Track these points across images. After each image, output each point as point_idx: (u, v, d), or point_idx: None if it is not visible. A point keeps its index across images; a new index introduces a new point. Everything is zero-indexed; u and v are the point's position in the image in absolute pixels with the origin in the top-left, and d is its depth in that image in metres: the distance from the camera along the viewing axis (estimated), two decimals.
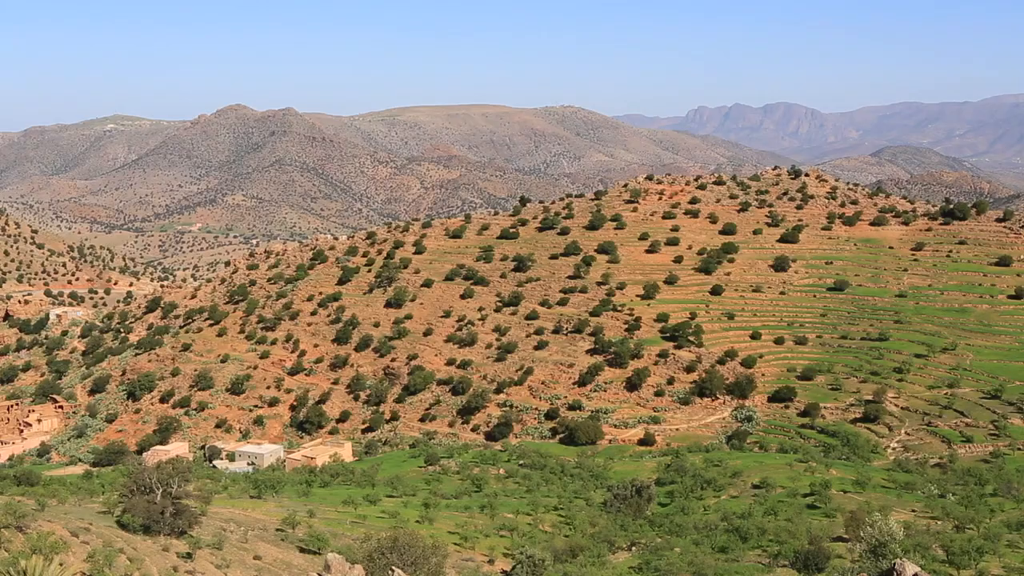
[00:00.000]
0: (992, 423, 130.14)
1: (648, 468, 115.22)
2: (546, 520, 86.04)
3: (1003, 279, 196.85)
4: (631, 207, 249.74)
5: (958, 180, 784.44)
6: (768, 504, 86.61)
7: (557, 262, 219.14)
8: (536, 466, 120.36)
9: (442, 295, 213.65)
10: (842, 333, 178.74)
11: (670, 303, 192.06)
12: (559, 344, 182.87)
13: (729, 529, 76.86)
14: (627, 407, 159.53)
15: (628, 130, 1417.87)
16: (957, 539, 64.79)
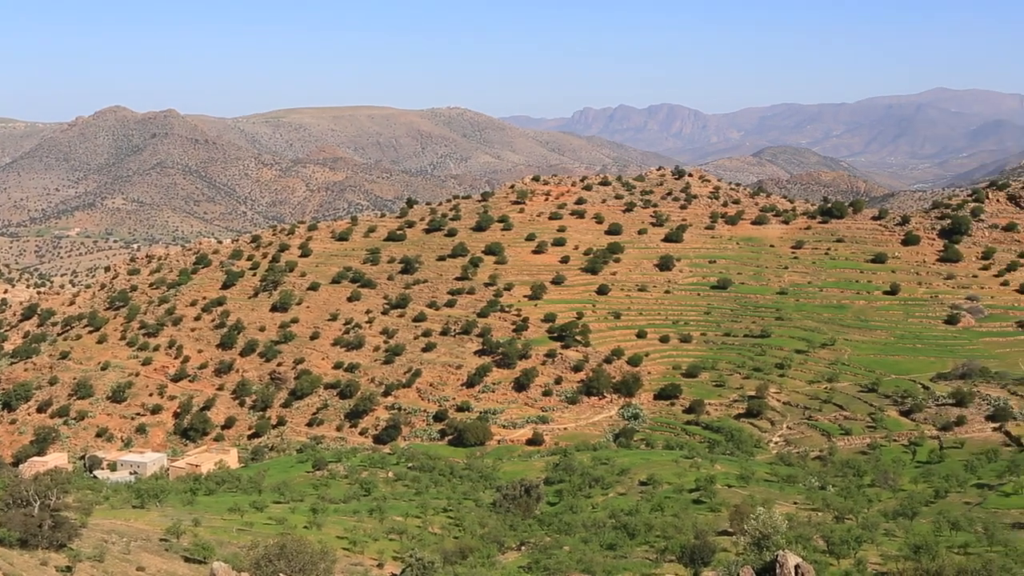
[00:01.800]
0: (869, 416, 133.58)
1: (537, 468, 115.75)
2: (435, 522, 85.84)
3: (879, 276, 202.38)
4: (518, 208, 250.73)
5: (836, 179, 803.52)
6: (655, 500, 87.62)
7: (444, 264, 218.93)
8: (425, 468, 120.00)
9: (329, 298, 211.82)
10: (725, 330, 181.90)
11: (557, 303, 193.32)
12: (447, 346, 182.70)
13: (617, 526, 77.55)
14: (515, 407, 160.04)
15: (514, 131, 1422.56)
16: (837, 529, 66.33)
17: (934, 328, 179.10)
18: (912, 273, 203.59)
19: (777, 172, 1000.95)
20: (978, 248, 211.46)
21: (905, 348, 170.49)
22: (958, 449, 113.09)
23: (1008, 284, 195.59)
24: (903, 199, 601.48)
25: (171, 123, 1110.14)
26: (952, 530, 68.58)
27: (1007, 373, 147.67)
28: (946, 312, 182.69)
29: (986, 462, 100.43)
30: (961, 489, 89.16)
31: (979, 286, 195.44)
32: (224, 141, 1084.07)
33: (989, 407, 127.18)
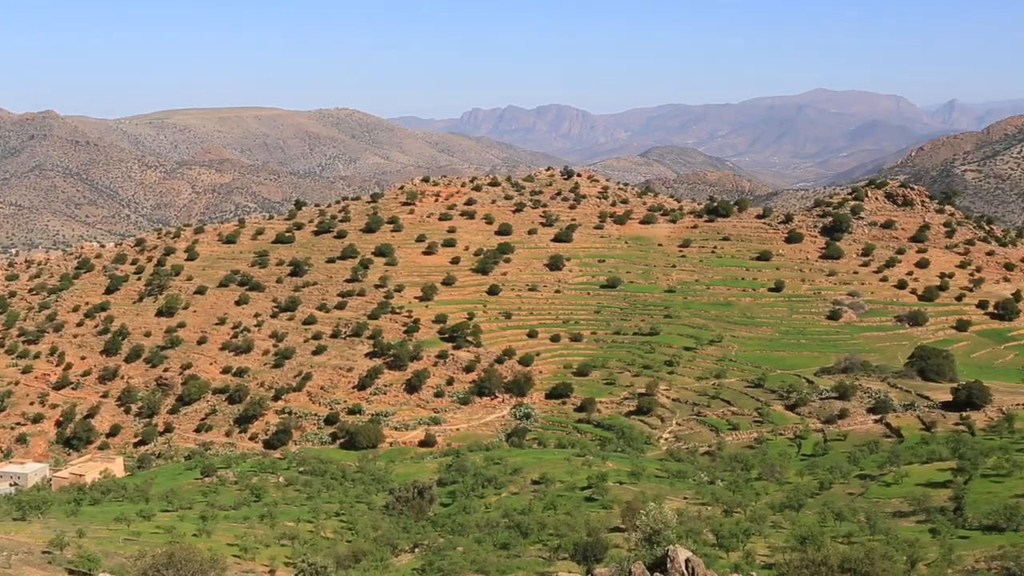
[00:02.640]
0: (756, 411, 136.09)
1: (430, 469, 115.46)
2: (328, 526, 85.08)
3: (764, 273, 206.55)
4: (408, 209, 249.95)
5: (721, 179, 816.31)
6: (548, 499, 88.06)
7: (334, 265, 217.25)
8: (317, 472, 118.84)
9: (216, 302, 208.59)
10: (615, 329, 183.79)
11: (448, 304, 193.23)
12: (338, 348, 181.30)
13: (510, 526, 77.75)
14: (407, 409, 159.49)
15: (403, 132, 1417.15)
16: (726, 523, 67.40)
17: (817, 324, 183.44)
18: (796, 270, 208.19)
19: (664, 172, 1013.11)
20: (858, 245, 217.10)
21: (790, 344, 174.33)
22: (841, 441, 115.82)
23: (887, 280, 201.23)
24: (786, 198, 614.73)
25: (50, 124, 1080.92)
26: (836, 520, 70.18)
27: (887, 367, 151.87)
28: (829, 308, 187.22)
29: (868, 453, 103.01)
30: (844, 480, 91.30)
31: (860, 282, 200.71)
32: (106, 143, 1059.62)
33: (870, 400, 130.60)
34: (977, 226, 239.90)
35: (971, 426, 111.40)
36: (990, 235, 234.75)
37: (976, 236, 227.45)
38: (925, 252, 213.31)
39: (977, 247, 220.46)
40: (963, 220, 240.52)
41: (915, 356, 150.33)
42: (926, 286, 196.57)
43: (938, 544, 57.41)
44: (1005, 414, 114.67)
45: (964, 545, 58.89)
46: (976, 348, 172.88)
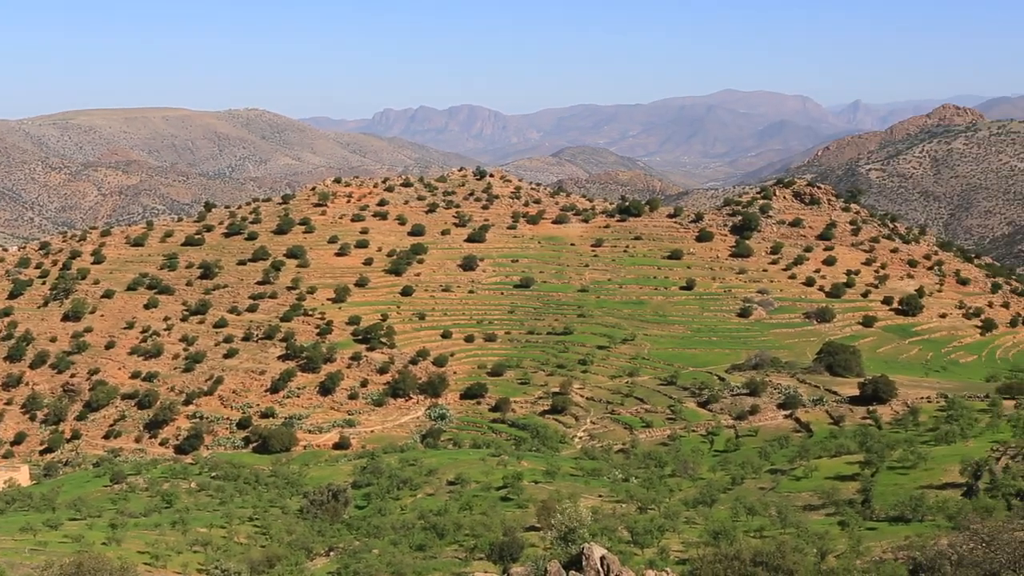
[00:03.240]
0: (669, 408, 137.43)
1: (344, 471, 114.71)
2: (241, 532, 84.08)
3: (675, 271, 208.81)
4: (320, 210, 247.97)
5: (632, 179, 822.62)
6: (463, 499, 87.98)
7: (245, 268, 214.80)
8: (229, 477, 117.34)
9: (124, 306, 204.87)
10: (529, 328, 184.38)
11: (361, 305, 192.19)
12: (250, 351, 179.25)
13: (426, 527, 77.55)
14: (321, 412, 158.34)
15: (315, 133, 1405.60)
16: (640, 520, 68.02)
17: (728, 321, 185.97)
18: (706, 268, 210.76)
19: (576, 172, 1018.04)
20: (767, 243, 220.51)
21: (701, 341, 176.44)
22: (752, 437, 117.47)
23: (795, 277, 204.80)
24: (697, 197, 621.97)
25: None
26: (748, 515, 71.14)
27: (796, 363, 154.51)
28: (739, 305, 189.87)
29: (778, 448, 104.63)
30: (756, 475, 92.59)
31: (769, 280, 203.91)
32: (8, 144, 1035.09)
33: (780, 395, 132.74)
34: (882, 224, 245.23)
35: (877, 420, 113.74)
36: (894, 233, 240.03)
37: (881, 234, 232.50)
38: (832, 250, 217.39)
39: (882, 244, 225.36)
40: (868, 218, 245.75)
41: (823, 352, 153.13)
42: (833, 283, 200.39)
43: (847, 536, 58.48)
44: (910, 407, 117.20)
45: (872, 536, 60.06)
46: (882, 343, 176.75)
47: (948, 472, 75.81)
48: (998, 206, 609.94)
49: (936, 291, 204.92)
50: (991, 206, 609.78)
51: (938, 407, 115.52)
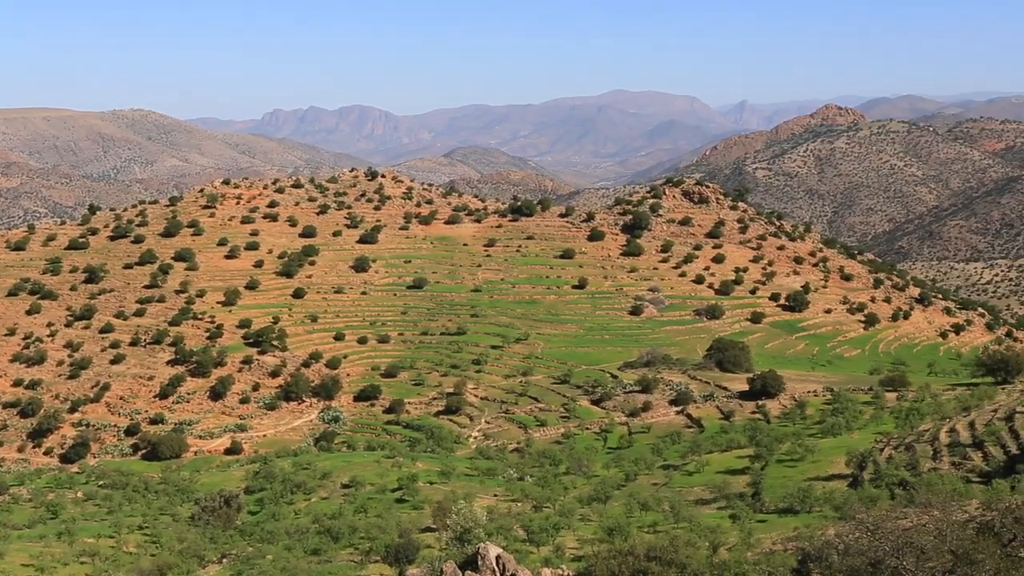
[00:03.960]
0: (563, 406, 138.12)
1: (236, 477, 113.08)
2: (130, 541, 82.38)
3: (567, 271, 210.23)
4: (208, 212, 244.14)
5: (524, 178, 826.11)
6: (358, 502, 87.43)
7: (132, 271, 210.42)
8: (117, 485, 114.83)
9: (5, 312, 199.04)
10: (423, 329, 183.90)
11: (252, 308, 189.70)
12: (138, 357, 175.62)
13: (321, 531, 76.89)
14: (212, 417, 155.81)
15: (202, 134, 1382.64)
16: (536, 518, 68.25)
17: (620, 319, 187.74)
18: (598, 267, 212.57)
19: (468, 172, 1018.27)
20: (658, 242, 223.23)
21: (594, 339, 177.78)
22: (645, 433, 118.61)
23: (685, 275, 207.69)
24: (588, 196, 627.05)
25: None
26: (642, 510, 71.85)
27: (687, 359, 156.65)
28: (631, 304, 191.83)
29: (671, 444, 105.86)
30: (649, 471, 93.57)
31: (659, 278, 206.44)
32: None
33: (672, 392, 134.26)
34: (768, 222, 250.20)
35: (766, 414, 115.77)
36: (780, 230, 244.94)
37: (768, 231, 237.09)
38: (721, 248, 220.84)
39: (769, 242, 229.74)
40: (755, 216, 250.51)
41: (713, 348, 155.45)
42: (722, 280, 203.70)
43: (738, 529, 59.41)
44: (797, 401, 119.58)
45: (762, 528, 61.12)
46: (770, 339, 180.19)
47: (834, 464, 77.55)
48: (879, 204, 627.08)
49: (821, 287, 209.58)
50: (873, 204, 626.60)
51: (824, 400, 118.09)
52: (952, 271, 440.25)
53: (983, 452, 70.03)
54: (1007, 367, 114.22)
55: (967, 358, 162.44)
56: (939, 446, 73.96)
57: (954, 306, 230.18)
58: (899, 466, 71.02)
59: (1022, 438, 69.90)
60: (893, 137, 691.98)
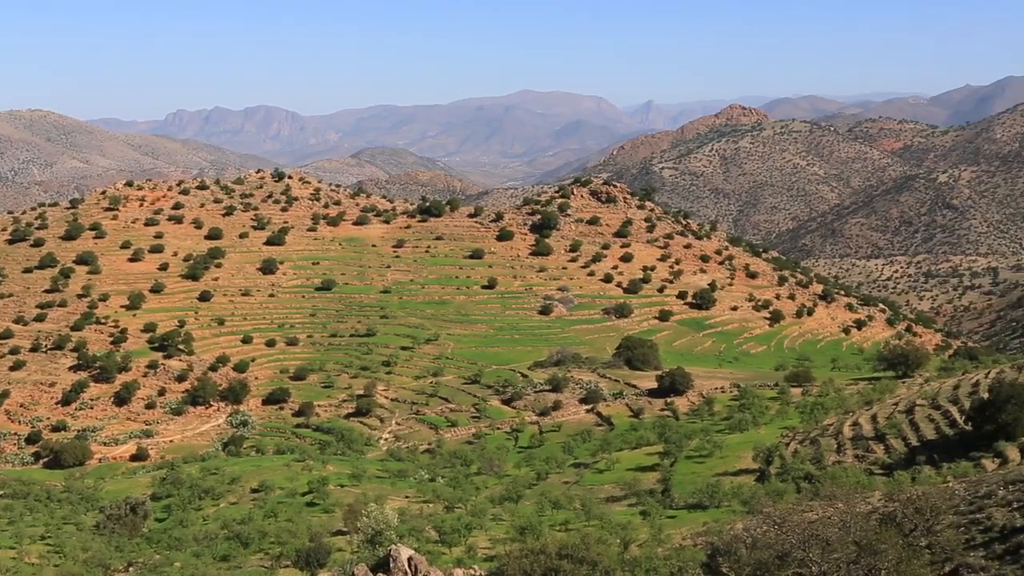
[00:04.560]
0: (473, 406, 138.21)
1: (143, 484, 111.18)
2: (33, 551, 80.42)
3: (477, 271, 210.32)
4: (111, 215, 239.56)
5: (432, 179, 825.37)
6: (268, 506, 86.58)
7: (32, 276, 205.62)
8: (18, 495, 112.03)
9: None
10: (332, 331, 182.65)
11: (157, 312, 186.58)
12: (38, 363, 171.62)
13: (230, 536, 75.96)
14: (117, 423, 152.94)
15: (104, 135, 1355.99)
16: (448, 519, 68.22)
17: (530, 319, 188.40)
18: (508, 267, 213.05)
19: (376, 173, 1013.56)
20: (566, 241, 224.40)
21: (504, 339, 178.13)
22: (556, 432, 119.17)
23: (594, 274, 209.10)
24: (497, 196, 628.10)
25: None
26: (554, 509, 72.22)
27: (596, 358, 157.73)
28: (540, 303, 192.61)
29: (581, 442, 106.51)
30: (560, 470, 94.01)
31: (568, 277, 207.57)
32: None
33: (582, 391, 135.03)
34: (675, 221, 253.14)
35: (675, 411, 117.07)
36: (687, 229, 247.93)
37: (674, 230, 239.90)
38: (628, 247, 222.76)
39: (676, 241, 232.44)
40: (662, 215, 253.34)
41: (622, 346, 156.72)
42: (630, 279, 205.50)
43: (648, 525, 60.04)
44: (705, 398, 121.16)
45: (672, 524, 61.83)
46: (677, 336, 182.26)
47: (742, 459, 78.71)
48: (783, 202, 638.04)
49: (727, 285, 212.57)
50: (776, 202, 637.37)
51: (731, 397, 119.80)
52: (854, 268, 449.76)
53: (885, 445, 71.63)
54: (907, 361, 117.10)
55: (869, 353, 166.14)
56: (843, 439, 75.50)
57: (856, 302, 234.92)
58: (804, 460, 72.35)
59: (922, 431, 71.65)
60: (796, 137, 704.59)
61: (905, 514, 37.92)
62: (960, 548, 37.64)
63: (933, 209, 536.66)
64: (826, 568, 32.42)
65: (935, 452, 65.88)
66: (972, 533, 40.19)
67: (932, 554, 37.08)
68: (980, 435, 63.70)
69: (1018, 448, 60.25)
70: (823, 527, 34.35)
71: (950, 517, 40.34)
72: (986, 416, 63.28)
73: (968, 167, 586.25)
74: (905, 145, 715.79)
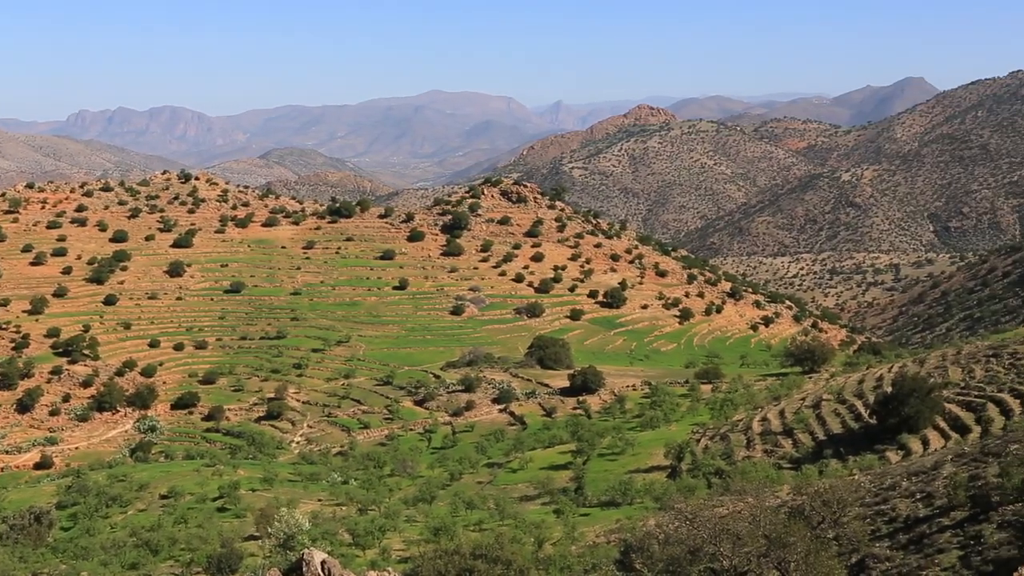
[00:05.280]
0: (386, 408, 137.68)
1: (47, 492, 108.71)
2: None
3: (388, 272, 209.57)
4: (11, 218, 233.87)
5: (342, 179, 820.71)
6: (178, 513, 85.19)
7: None
8: None
9: None
10: (241, 334, 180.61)
11: (61, 317, 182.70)
12: None
13: (139, 544, 74.60)
14: (19, 431, 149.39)
15: (3, 136, 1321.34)
16: (361, 521, 67.77)
17: (442, 319, 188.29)
18: (419, 268, 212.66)
19: (285, 174, 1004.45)
20: (477, 241, 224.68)
21: (416, 340, 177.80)
22: (469, 432, 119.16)
23: (505, 274, 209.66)
24: (407, 197, 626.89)
25: None
26: (468, 509, 72.24)
27: (508, 358, 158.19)
28: (452, 304, 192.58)
29: (494, 442, 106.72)
30: (474, 470, 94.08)
31: (480, 277, 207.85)
32: None
33: (495, 390, 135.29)
34: (585, 220, 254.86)
35: (587, 409, 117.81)
36: (597, 228, 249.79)
37: (585, 230, 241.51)
38: (539, 247, 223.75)
39: (586, 240, 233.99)
40: (573, 215, 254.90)
41: (534, 346, 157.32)
42: (541, 279, 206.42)
43: (562, 523, 60.37)
44: (617, 396, 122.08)
45: (585, 522, 62.23)
46: (589, 335, 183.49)
47: (654, 456, 79.50)
48: (691, 201, 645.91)
49: (637, 283, 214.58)
50: (685, 201, 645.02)
51: (643, 394, 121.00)
52: (761, 265, 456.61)
53: (793, 439, 72.92)
54: (813, 357, 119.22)
55: (776, 349, 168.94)
56: (752, 435, 76.66)
57: (763, 299, 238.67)
58: (715, 456, 73.34)
59: (828, 425, 73.04)
60: (703, 136, 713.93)
61: (813, 507, 38.67)
62: (866, 539, 38.50)
63: (837, 207, 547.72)
64: (737, 562, 32.91)
65: (841, 446, 67.25)
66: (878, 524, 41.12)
67: (839, 546, 37.87)
68: (884, 428, 65.15)
69: (920, 440, 61.76)
70: (733, 521, 34.89)
71: (856, 509, 41.25)
72: (890, 409, 64.72)
73: (870, 166, 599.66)
74: (809, 144, 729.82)
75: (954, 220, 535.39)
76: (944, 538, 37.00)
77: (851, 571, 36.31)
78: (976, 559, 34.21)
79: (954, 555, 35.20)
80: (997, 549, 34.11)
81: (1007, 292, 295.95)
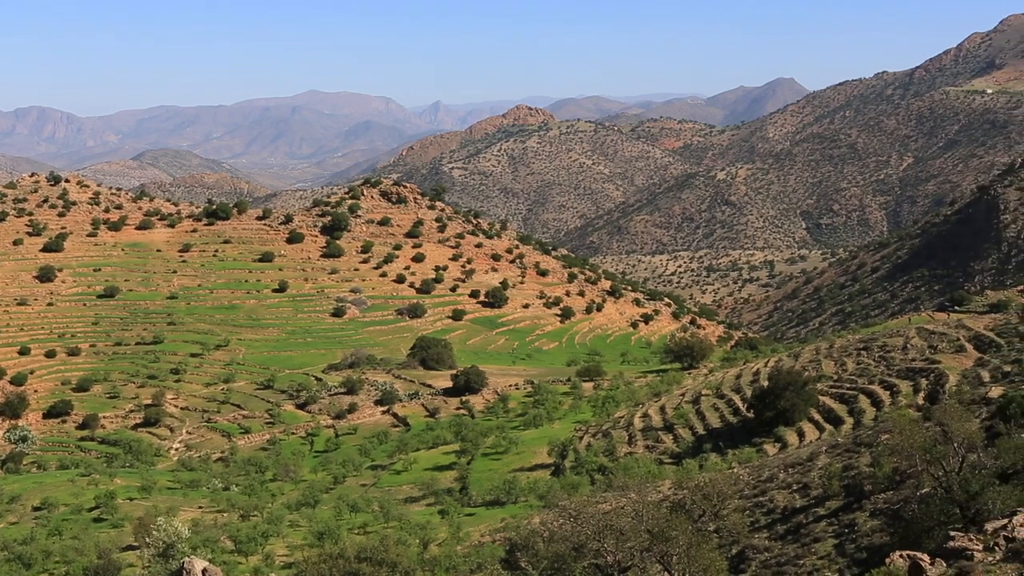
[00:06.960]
0: (267, 412, 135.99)
1: None
2: None
3: (267, 274, 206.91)
4: None
5: (219, 181, 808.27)
6: (52, 525, 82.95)
7: None
8: None
9: None
10: (116, 340, 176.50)
11: None
12: None
13: (10, 558, 72.40)
14: None
15: None
16: (243, 528, 66.95)
17: (323, 322, 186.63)
18: (299, 270, 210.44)
19: (160, 175, 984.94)
20: (358, 243, 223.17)
21: (297, 343, 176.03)
22: (352, 435, 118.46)
23: (386, 275, 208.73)
24: (286, 198, 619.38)
25: None
26: (352, 512, 71.85)
27: (391, 359, 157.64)
28: (333, 306, 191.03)
29: (378, 444, 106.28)
30: (357, 472, 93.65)
31: (361, 279, 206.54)
32: None
33: (377, 392, 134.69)
34: (466, 220, 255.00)
35: (471, 409, 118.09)
36: (478, 228, 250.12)
37: (465, 230, 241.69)
38: (420, 247, 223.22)
39: (467, 240, 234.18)
40: (453, 215, 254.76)
41: (416, 347, 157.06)
42: (423, 279, 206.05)
43: (447, 524, 60.42)
44: (500, 395, 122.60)
45: (471, 522, 62.42)
46: (471, 335, 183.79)
47: (537, 454, 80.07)
48: (571, 200, 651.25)
49: (519, 283, 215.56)
50: (564, 201, 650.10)
51: (526, 393, 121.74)
52: (640, 264, 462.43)
53: (673, 434, 74.10)
54: (692, 353, 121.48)
55: (656, 346, 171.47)
56: (633, 431, 77.69)
57: (643, 297, 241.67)
58: (597, 453, 74.14)
59: (708, 419, 74.41)
60: (581, 136, 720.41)
61: (694, 501, 39.39)
62: (746, 531, 39.39)
63: (713, 206, 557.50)
64: (621, 557, 33.32)
65: (720, 440, 68.62)
66: (757, 516, 42.09)
67: (720, 538, 38.68)
68: (761, 421, 66.70)
69: (796, 432, 63.35)
70: (617, 517, 35.32)
71: (736, 501, 42.15)
72: (766, 403, 66.28)
73: (744, 165, 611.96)
74: (685, 144, 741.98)
75: (825, 217, 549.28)
76: (820, 527, 38.05)
77: (732, 562, 37.09)
78: (850, 546, 35.26)
79: (830, 543, 36.23)
80: (870, 536, 35.20)
81: (876, 287, 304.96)
